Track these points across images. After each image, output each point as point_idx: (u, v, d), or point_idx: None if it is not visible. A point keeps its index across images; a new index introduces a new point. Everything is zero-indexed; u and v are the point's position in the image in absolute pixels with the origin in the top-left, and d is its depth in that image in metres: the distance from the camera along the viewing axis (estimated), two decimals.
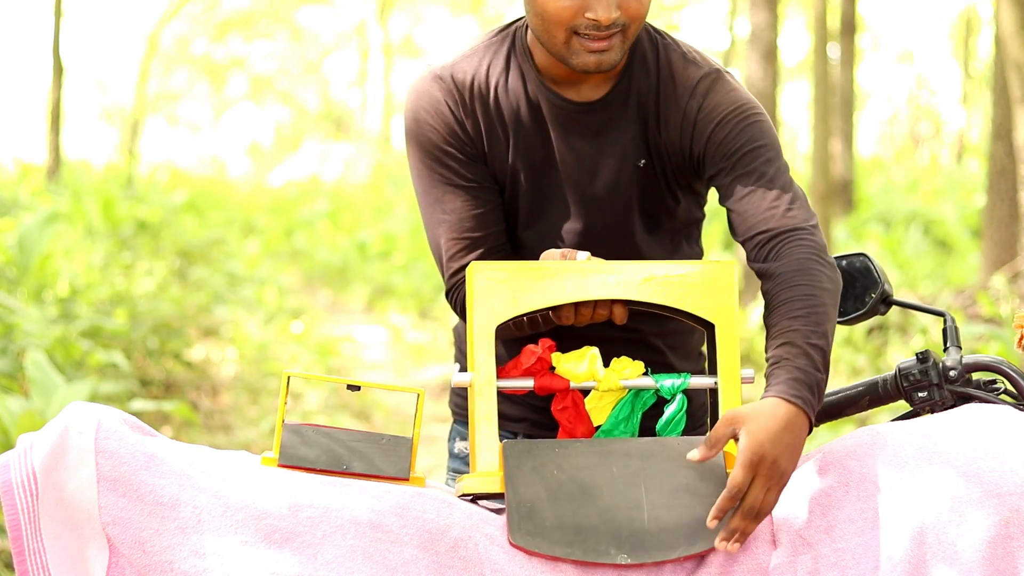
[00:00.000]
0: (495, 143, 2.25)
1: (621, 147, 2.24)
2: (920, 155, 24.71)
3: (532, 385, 2.03)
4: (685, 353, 2.40)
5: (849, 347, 7.92)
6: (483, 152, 2.25)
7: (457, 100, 2.23)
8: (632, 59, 2.23)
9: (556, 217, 2.27)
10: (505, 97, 2.24)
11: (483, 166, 2.25)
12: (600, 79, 2.23)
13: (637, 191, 2.26)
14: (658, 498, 1.89)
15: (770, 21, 8.95)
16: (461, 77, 2.23)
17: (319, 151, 29.20)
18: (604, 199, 2.26)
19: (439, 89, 2.23)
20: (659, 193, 2.27)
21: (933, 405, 2.09)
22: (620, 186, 2.25)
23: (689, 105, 2.20)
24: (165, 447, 1.85)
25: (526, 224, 2.29)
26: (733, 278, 2.02)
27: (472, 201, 2.25)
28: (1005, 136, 8.13)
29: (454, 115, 2.23)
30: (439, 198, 2.26)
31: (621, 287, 2.01)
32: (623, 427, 2.04)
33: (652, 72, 2.23)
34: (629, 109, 2.23)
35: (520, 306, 1.98)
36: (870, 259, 2.23)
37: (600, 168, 2.25)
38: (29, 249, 6.91)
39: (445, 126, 2.23)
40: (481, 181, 2.25)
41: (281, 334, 9.35)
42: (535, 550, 1.83)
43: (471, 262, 2.07)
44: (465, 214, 2.25)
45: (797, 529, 1.88)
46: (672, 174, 2.26)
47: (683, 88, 2.21)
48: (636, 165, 2.25)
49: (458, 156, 2.23)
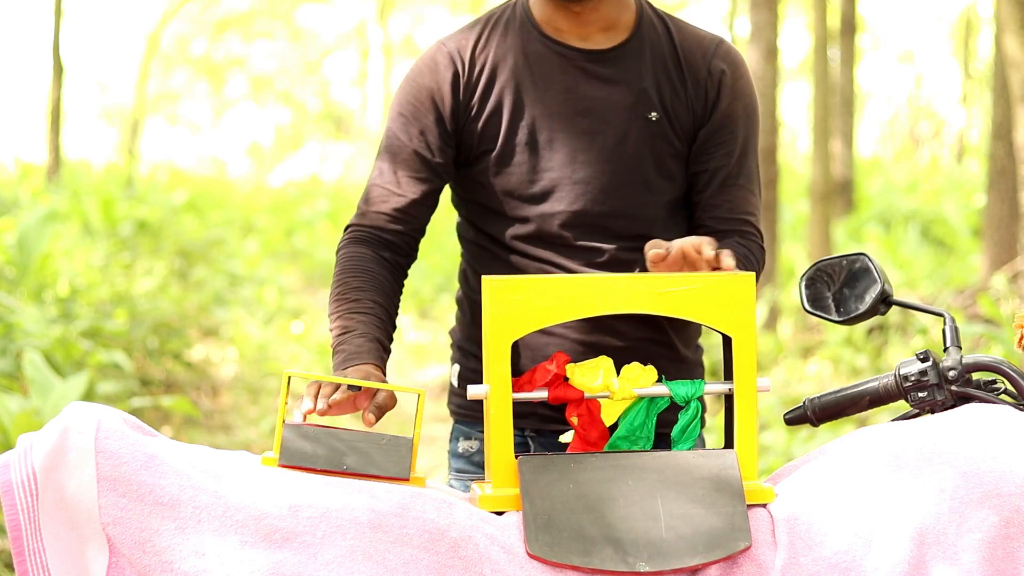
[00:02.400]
0: (496, 101, 2.30)
1: (634, 97, 2.29)
2: (920, 155, 24.71)
3: (547, 396, 2.03)
4: (686, 338, 2.43)
5: (849, 347, 7.92)
6: (467, 121, 2.31)
7: (457, 66, 2.31)
8: (641, 19, 2.32)
9: (566, 170, 2.30)
10: (507, 56, 2.31)
11: (451, 150, 2.32)
12: (612, 31, 2.30)
13: (648, 144, 2.30)
14: (675, 509, 1.89)
15: (770, 21, 8.94)
16: (464, 43, 2.33)
17: (319, 151, 29.19)
18: (614, 149, 2.30)
19: (441, 55, 2.33)
20: (668, 149, 2.32)
21: (933, 405, 2.09)
22: (630, 137, 2.29)
23: (713, 64, 2.31)
24: (165, 447, 1.85)
25: (539, 177, 2.31)
26: (752, 290, 2.01)
27: (415, 175, 2.32)
28: (1005, 136, 8.12)
29: (451, 82, 2.31)
30: (393, 151, 2.33)
31: (638, 301, 1.99)
32: (638, 433, 2.04)
33: (662, 33, 2.32)
34: (644, 60, 2.30)
35: (536, 320, 1.97)
36: (870, 259, 2.23)
37: (611, 117, 2.29)
38: (29, 249, 6.91)
39: (436, 90, 2.31)
40: (436, 159, 2.32)
41: (281, 334, 9.35)
42: (553, 560, 1.83)
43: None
44: (407, 171, 2.32)
45: (797, 530, 1.88)
46: (680, 132, 2.32)
47: (704, 47, 2.32)
48: (647, 117, 2.29)
49: (431, 124, 2.31)
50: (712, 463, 1.95)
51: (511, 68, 2.30)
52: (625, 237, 2.31)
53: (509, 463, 1.95)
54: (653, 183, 2.32)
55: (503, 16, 2.35)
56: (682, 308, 1.99)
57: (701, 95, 2.31)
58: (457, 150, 2.33)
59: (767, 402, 6.63)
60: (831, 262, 2.24)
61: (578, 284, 1.99)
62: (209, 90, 30.88)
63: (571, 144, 2.29)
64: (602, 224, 2.31)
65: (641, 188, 2.31)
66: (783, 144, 13.87)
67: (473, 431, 2.44)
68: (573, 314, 1.98)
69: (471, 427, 2.44)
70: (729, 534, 1.87)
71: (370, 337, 2.18)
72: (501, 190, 2.32)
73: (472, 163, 2.34)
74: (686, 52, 2.31)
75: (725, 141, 2.33)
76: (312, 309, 11.16)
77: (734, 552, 1.86)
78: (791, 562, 1.86)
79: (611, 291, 1.99)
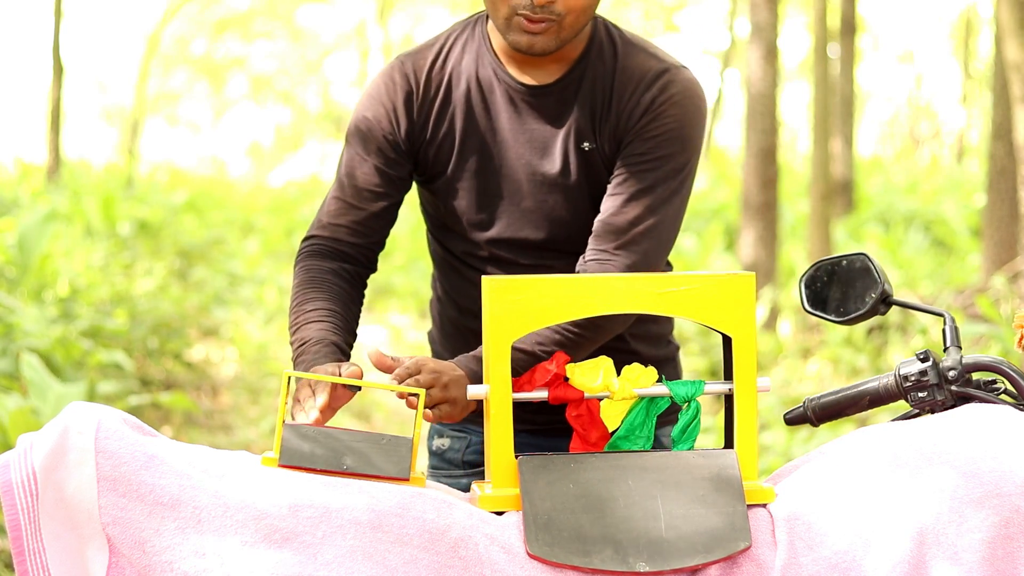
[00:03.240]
0: (449, 125, 2.34)
1: (570, 130, 2.32)
2: (920, 155, 24.72)
3: (547, 396, 2.03)
4: (653, 341, 2.45)
5: (849, 347, 7.92)
6: (422, 144, 2.35)
7: (412, 86, 2.35)
8: (589, 49, 2.33)
9: (514, 198, 2.34)
10: (461, 79, 2.34)
11: (408, 165, 2.36)
12: (555, 64, 2.33)
13: (585, 173, 2.33)
14: (675, 509, 1.89)
15: (771, 21, 8.95)
16: (421, 63, 2.36)
17: (319, 151, 29.20)
18: (555, 179, 2.33)
19: (398, 73, 2.36)
20: (604, 177, 2.34)
21: (933, 405, 2.09)
22: (569, 167, 2.33)
23: (645, 96, 2.30)
24: (165, 447, 1.85)
25: (486, 203, 2.35)
26: (752, 290, 2.01)
27: (372, 190, 2.35)
28: (1005, 136, 8.12)
29: (405, 102, 2.34)
30: (351, 165, 2.37)
31: (638, 300, 1.99)
32: (638, 433, 2.04)
33: (608, 61, 2.33)
34: (581, 94, 2.32)
35: (536, 320, 1.97)
36: (870, 259, 2.23)
37: (551, 149, 2.32)
38: (29, 249, 6.91)
39: (392, 109, 2.34)
40: (394, 174, 2.35)
41: (281, 334, 9.35)
42: (553, 560, 1.83)
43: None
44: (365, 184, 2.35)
45: (797, 530, 1.88)
46: (607, 163, 2.33)
47: (641, 77, 2.31)
48: (582, 148, 2.33)
49: (388, 142, 2.34)
50: (712, 463, 1.95)
51: (464, 92, 2.34)
52: (573, 254, 2.35)
53: (509, 463, 1.95)
54: (591, 210, 2.35)
55: (463, 34, 2.38)
56: (682, 308, 1.99)
57: (623, 125, 2.30)
58: (414, 166, 2.38)
59: (767, 402, 6.63)
60: (831, 262, 2.24)
61: (578, 284, 1.99)
62: (209, 90, 30.88)
63: (517, 173, 2.34)
64: (548, 247, 2.36)
65: (583, 215, 2.35)
66: (783, 144, 13.87)
67: (446, 429, 2.50)
68: (573, 314, 1.98)
69: (444, 426, 2.50)
70: (729, 534, 1.87)
71: (326, 342, 2.19)
72: (452, 211, 2.38)
73: (426, 182, 2.40)
74: (621, 84, 2.31)
75: (634, 154, 2.30)
76: None
77: (734, 552, 1.86)
78: (791, 562, 1.86)
79: (611, 291, 1.99)
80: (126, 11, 31.01)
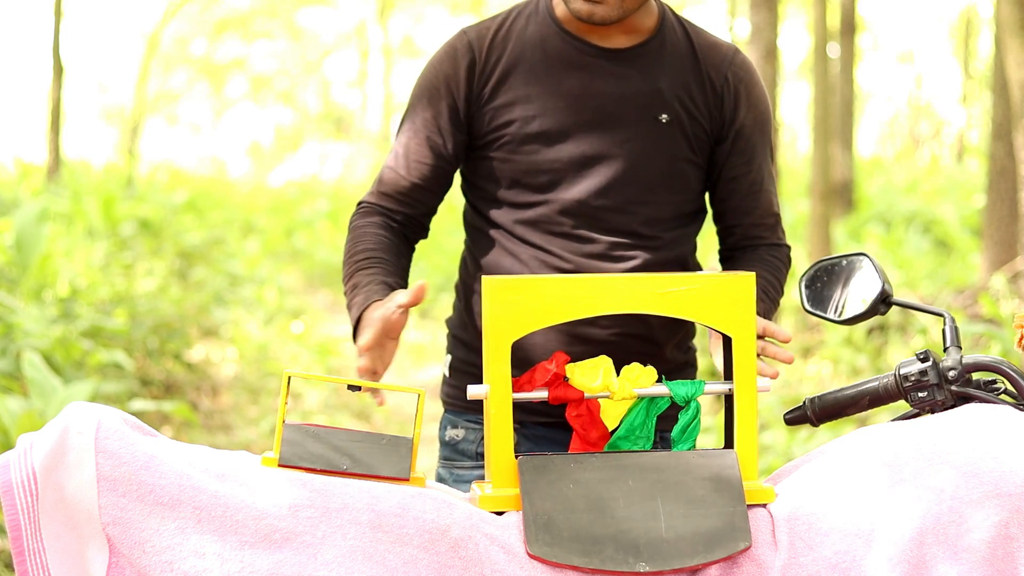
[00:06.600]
0: (510, 94, 2.36)
1: (646, 98, 2.34)
2: (920, 155, 24.72)
3: (547, 396, 2.03)
4: (682, 346, 2.46)
5: (849, 347, 7.92)
6: (485, 107, 2.37)
7: (475, 54, 2.37)
8: (664, 22, 2.38)
9: (573, 163, 2.35)
10: (525, 48, 2.36)
11: (462, 136, 2.39)
12: (626, 36, 2.35)
13: (655, 145, 2.35)
14: (675, 509, 1.89)
15: (770, 21, 8.94)
16: (484, 33, 2.40)
17: (319, 151, 29.19)
18: (620, 146, 2.34)
19: (460, 43, 2.40)
20: (679, 153, 2.36)
21: (933, 405, 2.09)
22: (638, 136, 2.34)
23: (731, 73, 2.38)
24: (165, 447, 1.85)
25: (545, 167, 2.36)
26: (752, 290, 2.01)
27: (424, 161, 2.40)
28: (1005, 136, 8.12)
29: (467, 69, 2.37)
30: (407, 136, 2.41)
31: (639, 301, 1.99)
32: (638, 433, 2.04)
33: (682, 36, 2.38)
34: (663, 62, 2.36)
35: (535, 321, 1.97)
36: (870, 259, 2.23)
37: (621, 115, 2.34)
38: (26, 247, 6.90)
39: (453, 77, 2.37)
40: (447, 144, 2.39)
41: (281, 334, 9.35)
42: (553, 560, 1.83)
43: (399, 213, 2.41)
44: (416, 156, 2.40)
45: (797, 530, 1.88)
46: (692, 138, 2.37)
47: (723, 55, 2.39)
48: (657, 119, 2.33)
49: (448, 111, 2.38)
50: (712, 463, 1.95)
51: (528, 60, 2.36)
52: (621, 232, 2.36)
53: (509, 463, 1.95)
54: (656, 184, 2.36)
55: (525, 10, 2.42)
56: (682, 308, 1.99)
57: (719, 102, 2.38)
58: (468, 136, 2.40)
59: (767, 402, 6.63)
60: (831, 262, 2.25)
61: (578, 284, 1.99)
62: (209, 90, 30.87)
63: (579, 138, 2.35)
64: (600, 217, 2.36)
65: (643, 188, 2.36)
66: (783, 144, 13.87)
67: (460, 419, 2.50)
68: (573, 314, 1.98)
69: (459, 416, 2.50)
70: (729, 534, 1.87)
71: (377, 281, 2.28)
72: (508, 177, 2.38)
73: (482, 149, 2.40)
74: (705, 58, 2.38)
75: (744, 150, 2.41)
76: (312, 309, 11.16)
77: (734, 552, 1.86)
78: (791, 562, 1.86)
79: (611, 291, 1.99)
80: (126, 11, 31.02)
